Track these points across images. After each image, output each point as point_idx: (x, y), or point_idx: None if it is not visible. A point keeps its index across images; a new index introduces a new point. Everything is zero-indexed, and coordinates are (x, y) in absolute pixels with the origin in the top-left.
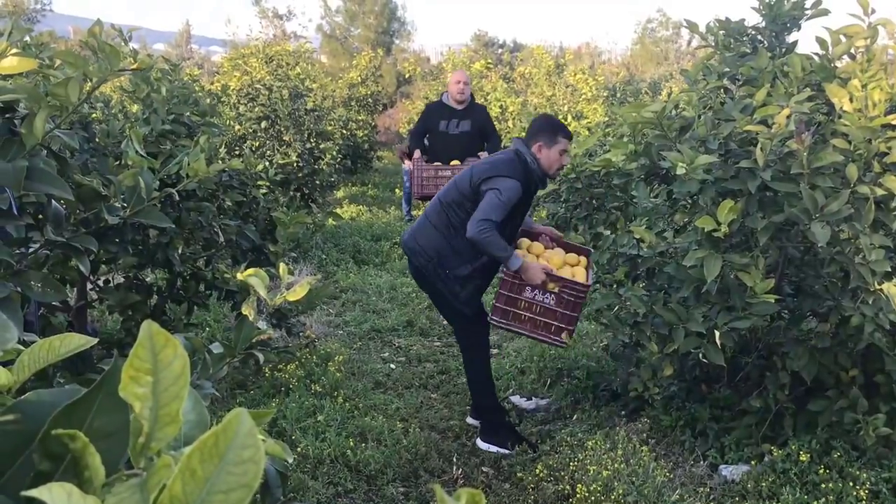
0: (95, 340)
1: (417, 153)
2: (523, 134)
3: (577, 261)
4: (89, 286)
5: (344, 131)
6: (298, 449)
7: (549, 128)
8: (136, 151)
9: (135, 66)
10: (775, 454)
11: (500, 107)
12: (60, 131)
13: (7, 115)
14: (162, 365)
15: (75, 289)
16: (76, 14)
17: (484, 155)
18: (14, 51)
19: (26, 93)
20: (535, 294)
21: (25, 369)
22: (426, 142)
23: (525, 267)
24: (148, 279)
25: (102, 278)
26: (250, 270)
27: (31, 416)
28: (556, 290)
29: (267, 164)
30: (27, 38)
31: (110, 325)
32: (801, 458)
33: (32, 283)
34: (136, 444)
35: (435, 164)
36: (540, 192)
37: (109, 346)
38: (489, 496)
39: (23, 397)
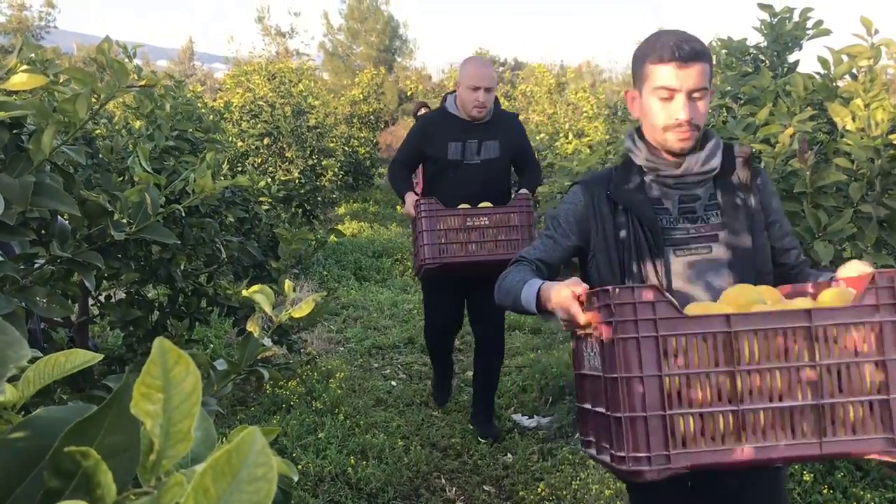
0: (101, 357)
1: (411, 196)
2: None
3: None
4: (91, 302)
5: (346, 148)
6: (299, 466)
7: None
8: (143, 167)
9: (142, 83)
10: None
11: None
12: (67, 147)
13: (15, 131)
14: (174, 382)
15: (77, 304)
16: (79, 31)
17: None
18: (24, 67)
19: (34, 109)
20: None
21: (31, 385)
22: (423, 179)
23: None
24: (150, 295)
25: (104, 294)
26: (255, 287)
27: (40, 432)
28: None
29: (269, 180)
30: (32, 55)
31: (111, 340)
32: (804, 479)
33: (38, 298)
34: (146, 461)
35: (460, 207)
36: (542, 210)
37: (111, 363)
38: None
39: (32, 414)
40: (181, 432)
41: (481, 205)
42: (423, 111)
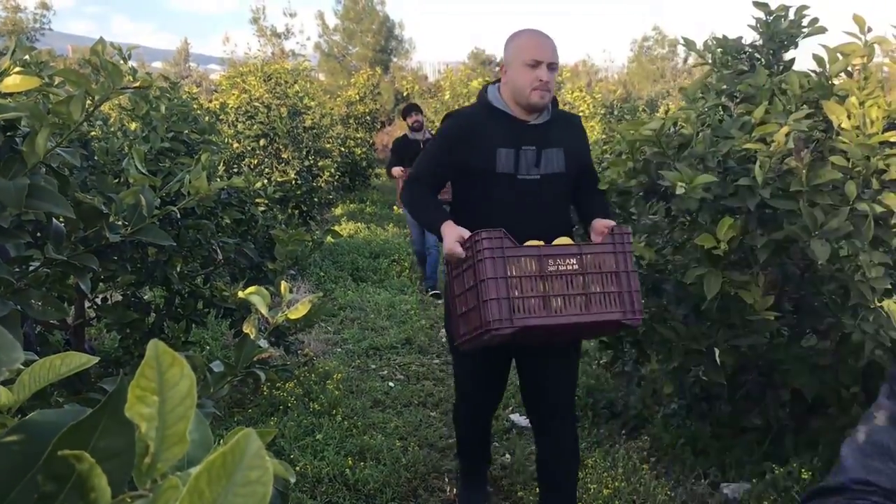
0: (97, 359)
1: (453, 228)
2: None
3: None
4: (87, 304)
5: (342, 149)
6: (297, 468)
7: None
8: (138, 169)
9: (137, 85)
10: (777, 472)
11: None
12: (62, 149)
13: (9, 133)
14: (168, 385)
15: (73, 307)
16: (74, 33)
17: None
18: (17, 69)
19: (28, 111)
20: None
21: (26, 388)
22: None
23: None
24: (146, 297)
25: (100, 296)
26: (252, 288)
27: (35, 436)
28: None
29: (265, 181)
30: (26, 57)
31: (108, 343)
32: (802, 476)
33: (33, 301)
34: (141, 464)
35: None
36: None
37: (107, 365)
38: None
39: (27, 417)
40: (176, 435)
41: (558, 241)
42: (414, 119)
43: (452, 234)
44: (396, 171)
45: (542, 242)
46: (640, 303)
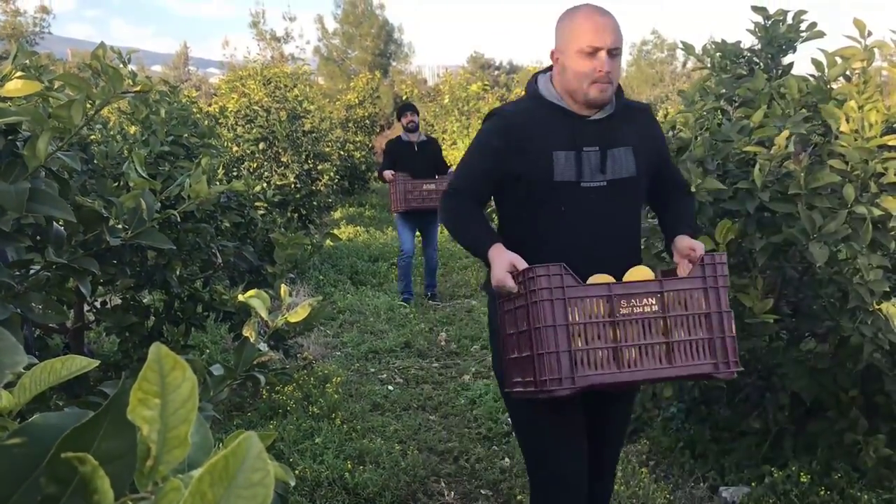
0: (97, 363)
1: (503, 253)
2: None
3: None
4: (86, 308)
5: (341, 152)
6: (296, 471)
7: None
8: (138, 173)
9: (137, 89)
10: (776, 475)
11: None
12: (62, 153)
13: (10, 137)
14: (170, 388)
15: (72, 310)
16: (73, 36)
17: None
18: (19, 74)
19: (29, 115)
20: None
21: (27, 392)
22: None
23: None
24: (145, 301)
25: (100, 300)
26: (252, 292)
27: (37, 438)
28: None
29: (265, 185)
30: (26, 62)
31: (107, 346)
32: (801, 480)
33: (33, 304)
34: (143, 467)
35: (596, 281)
36: None
37: (106, 369)
38: None
39: (29, 420)
40: (178, 438)
41: (634, 273)
42: (409, 119)
43: (503, 263)
44: (387, 174)
45: (610, 278)
46: (736, 349)
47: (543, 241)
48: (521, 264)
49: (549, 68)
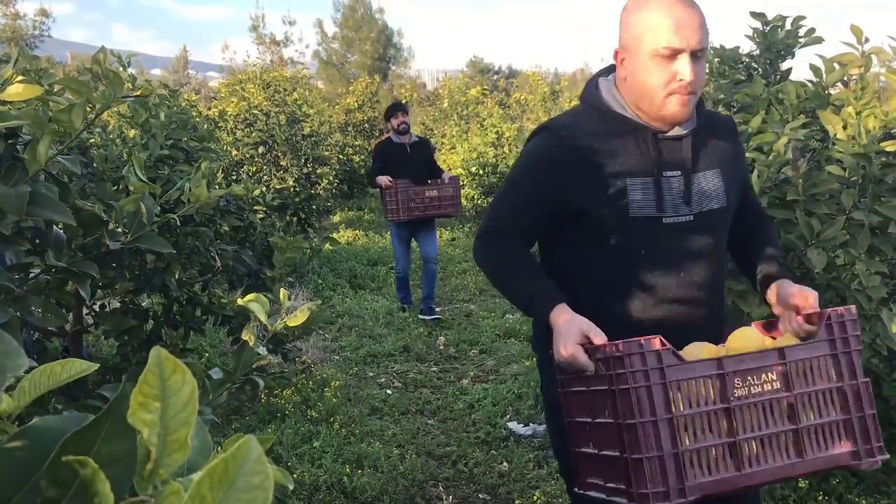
0: (96, 366)
1: (571, 317)
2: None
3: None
4: (85, 311)
5: (340, 156)
6: (294, 475)
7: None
8: (138, 177)
9: (138, 93)
10: None
11: (497, 133)
12: (62, 157)
13: (10, 141)
14: (171, 391)
15: (71, 314)
16: (73, 39)
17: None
18: (20, 78)
19: (30, 119)
20: None
21: (26, 395)
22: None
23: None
24: (144, 304)
25: (98, 303)
26: (251, 296)
27: (38, 442)
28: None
29: (264, 188)
30: (27, 66)
31: (105, 349)
32: (799, 485)
33: (33, 308)
34: (143, 470)
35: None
36: None
37: (104, 372)
38: None
39: (29, 423)
40: (178, 441)
41: (738, 340)
42: (401, 120)
43: (572, 333)
44: (383, 180)
45: (714, 347)
46: (879, 431)
47: (615, 296)
48: (599, 337)
49: (610, 69)
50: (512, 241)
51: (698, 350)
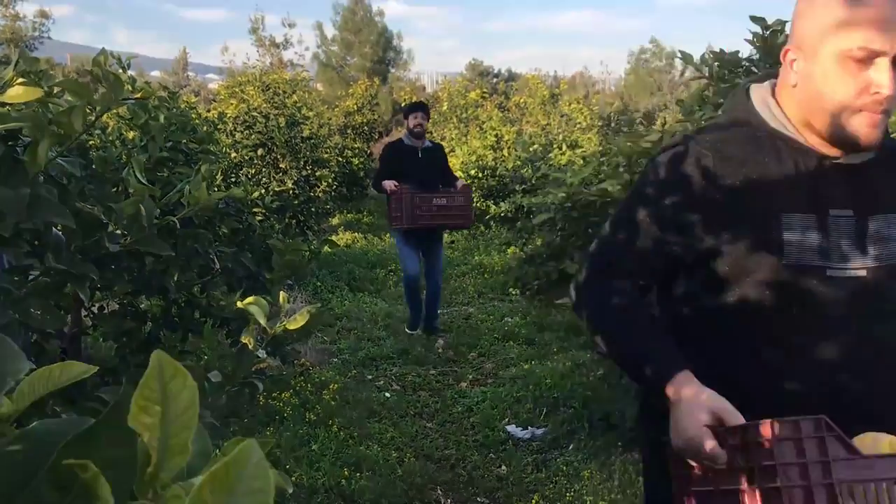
0: (96, 369)
1: (717, 401)
2: (518, 163)
3: None
4: (83, 313)
5: (340, 159)
6: (293, 478)
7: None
8: (138, 179)
9: (138, 96)
10: None
11: (496, 136)
12: (62, 159)
13: (10, 143)
14: (171, 395)
15: (69, 316)
16: (72, 41)
17: None
18: (20, 80)
19: (30, 121)
20: None
21: (25, 398)
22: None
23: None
24: (142, 306)
25: (97, 305)
26: (250, 298)
27: (37, 445)
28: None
29: (263, 191)
30: (27, 68)
31: (103, 351)
32: None
33: (32, 310)
34: (144, 474)
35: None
36: (536, 221)
37: (103, 374)
38: None
39: (29, 427)
40: (179, 445)
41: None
42: (418, 122)
43: (698, 411)
44: (389, 184)
45: (894, 438)
46: None
47: (755, 366)
48: (734, 417)
49: (767, 74)
50: (626, 286)
51: (877, 442)
